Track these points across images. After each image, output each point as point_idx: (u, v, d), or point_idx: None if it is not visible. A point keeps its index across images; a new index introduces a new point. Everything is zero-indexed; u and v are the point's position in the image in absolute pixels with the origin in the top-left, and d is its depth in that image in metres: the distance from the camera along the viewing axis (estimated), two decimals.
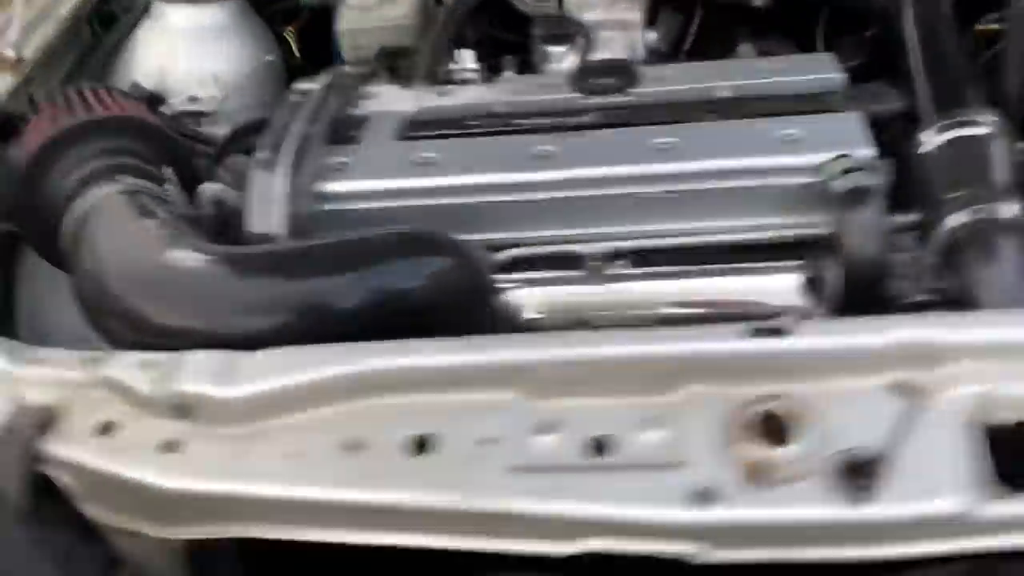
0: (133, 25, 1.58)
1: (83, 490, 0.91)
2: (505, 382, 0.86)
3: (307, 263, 1.02)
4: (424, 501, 0.82)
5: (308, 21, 1.69)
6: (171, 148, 1.26)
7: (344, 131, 1.23)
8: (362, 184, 1.15)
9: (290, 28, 1.68)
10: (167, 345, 0.95)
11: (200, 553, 0.95)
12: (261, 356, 0.91)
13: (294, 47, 1.67)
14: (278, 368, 0.89)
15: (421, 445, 0.85)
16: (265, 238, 1.09)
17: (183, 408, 0.90)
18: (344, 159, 1.17)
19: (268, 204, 1.12)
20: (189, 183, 1.19)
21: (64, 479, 0.91)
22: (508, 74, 1.41)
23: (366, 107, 1.29)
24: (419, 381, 0.88)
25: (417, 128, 1.22)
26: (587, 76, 1.26)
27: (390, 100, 1.30)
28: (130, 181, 1.15)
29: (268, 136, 1.18)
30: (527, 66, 1.47)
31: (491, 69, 1.42)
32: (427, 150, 1.16)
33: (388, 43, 1.55)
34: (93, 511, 0.92)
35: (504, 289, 1.08)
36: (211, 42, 1.55)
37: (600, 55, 1.41)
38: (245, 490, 0.86)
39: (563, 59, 1.44)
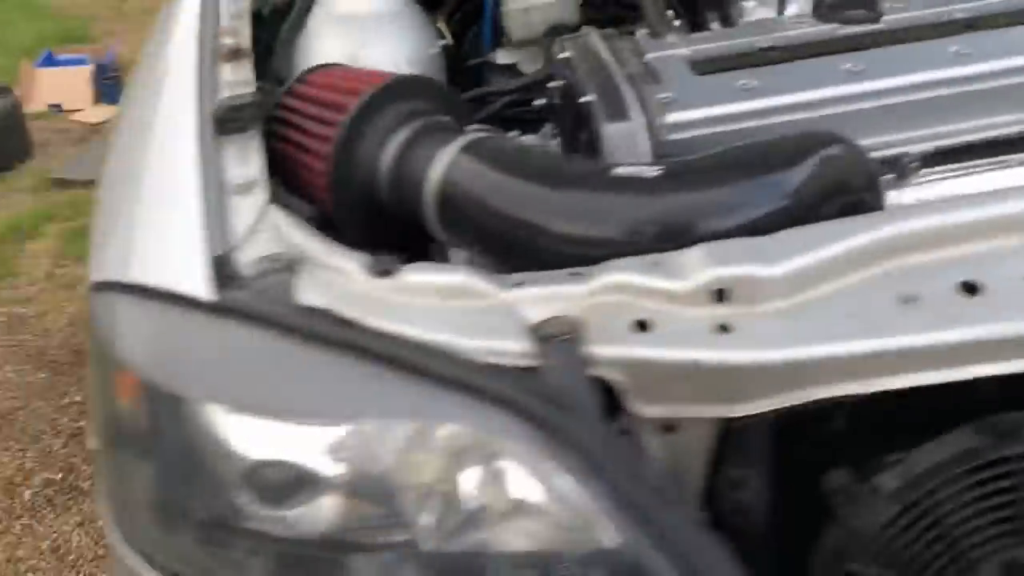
0: (303, 16, 1.57)
1: (635, 386, 0.93)
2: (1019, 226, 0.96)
3: (736, 166, 1.07)
4: (1008, 330, 0.90)
5: (455, 8, 1.72)
6: (452, 105, 1.29)
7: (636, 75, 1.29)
8: (701, 112, 1.21)
9: (442, 16, 1.70)
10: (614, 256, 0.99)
11: (733, 441, 0.98)
12: (783, 235, 0.96)
13: (447, 34, 1.70)
14: (809, 243, 0.95)
15: (971, 289, 0.93)
16: None
17: (723, 293, 0.94)
18: (667, 94, 1.23)
19: (631, 140, 1.17)
20: None
21: (614, 378, 0.93)
22: (716, 26, 1.51)
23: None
24: (945, 236, 0.95)
25: (710, 65, 1.30)
26: (833, 11, 1.38)
27: (652, 48, 1.36)
28: (474, 133, 1.17)
29: (585, 86, 1.23)
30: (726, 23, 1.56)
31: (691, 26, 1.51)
32: (743, 79, 1.25)
33: (556, 20, 1.62)
34: (642, 408, 0.94)
35: None
36: (394, 27, 1.57)
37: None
38: (822, 351, 0.91)
39: (754, 13, 1.55)
